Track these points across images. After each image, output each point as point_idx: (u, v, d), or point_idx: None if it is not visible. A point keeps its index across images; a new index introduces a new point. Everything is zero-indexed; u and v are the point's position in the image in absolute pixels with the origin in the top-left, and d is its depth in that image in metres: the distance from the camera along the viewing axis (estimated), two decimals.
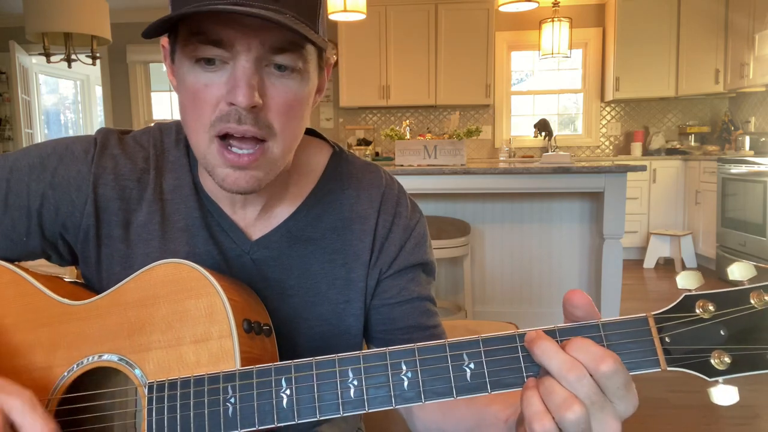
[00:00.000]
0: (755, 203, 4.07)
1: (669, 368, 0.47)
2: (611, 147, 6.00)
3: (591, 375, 0.45)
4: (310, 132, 0.81)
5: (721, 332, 0.46)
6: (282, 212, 0.73)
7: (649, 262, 5.04)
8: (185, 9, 0.54)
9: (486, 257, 3.10)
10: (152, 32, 0.56)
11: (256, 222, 0.73)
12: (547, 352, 0.46)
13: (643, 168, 2.67)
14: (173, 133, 0.75)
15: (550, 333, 0.48)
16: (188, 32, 0.58)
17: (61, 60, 3.63)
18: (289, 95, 0.60)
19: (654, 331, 0.47)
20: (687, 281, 0.48)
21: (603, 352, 0.45)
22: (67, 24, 3.35)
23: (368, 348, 0.81)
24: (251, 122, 0.58)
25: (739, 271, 0.46)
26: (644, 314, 0.48)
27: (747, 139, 4.97)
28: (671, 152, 5.50)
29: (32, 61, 6.29)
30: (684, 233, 4.93)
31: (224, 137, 0.60)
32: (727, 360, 0.46)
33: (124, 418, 0.66)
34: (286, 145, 0.63)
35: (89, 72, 7.16)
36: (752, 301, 0.46)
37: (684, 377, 0.47)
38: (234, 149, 0.60)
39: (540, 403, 0.46)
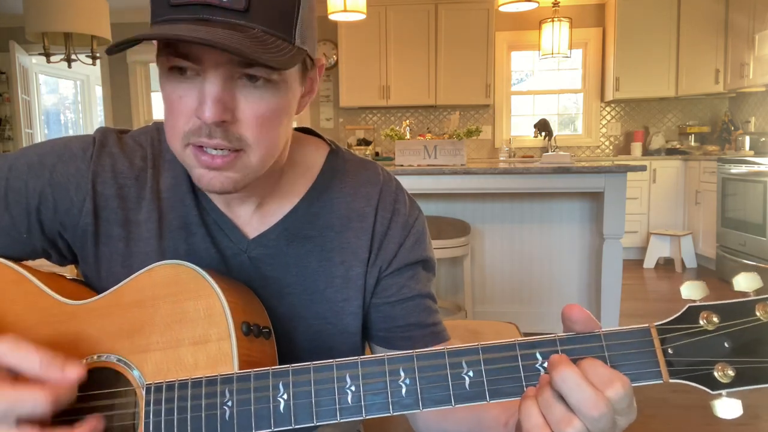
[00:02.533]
0: (755, 203, 4.07)
1: (671, 380, 0.46)
2: (611, 147, 6.00)
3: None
4: (307, 131, 0.81)
5: (726, 344, 0.46)
6: (279, 210, 0.73)
7: (649, 262, 5.04)
8: (142, 33, 0.53)
9: (486, 257, 3.10)
10: (115, 50, 0.55)
11: (253, 220, 0.73)
12: (568, 383, 0.45)
13: (643, 168, 2.67)
14: None
15: (550, 342, 0.48)
16: (161, 43, 0.58)
17: (61, 60, 3.63)
18: (262, 107, 0.59)
19: (657, 342, 0.47)
20: (691, 292, 0.47)
21: (612, 374, 0.45)
22: (67, 24, 3.34)
23: (368, 346, 0.81)
24: (221, 136, 0.58)
25: (744, 282, 0.46)
26: (647, 325, 0.47)
27: (747, 139, 4.97)
28: (671, 152, 5.50)
29: (32, 61, 6.30)
30: (684, 233, 4.93)
31: None
32: (731, 373, 0.45)
33: (122, 419, 0.66)
34: (263, 154, 0.62)
35: (89, 72, 7.16)
36: (758, 314, 0.45)
37: (693, 386, 0.47)
38: (208, 150, 0.60)
39: (539, 416, 0.46)
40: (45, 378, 0.52)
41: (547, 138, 5.49)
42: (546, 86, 6.23)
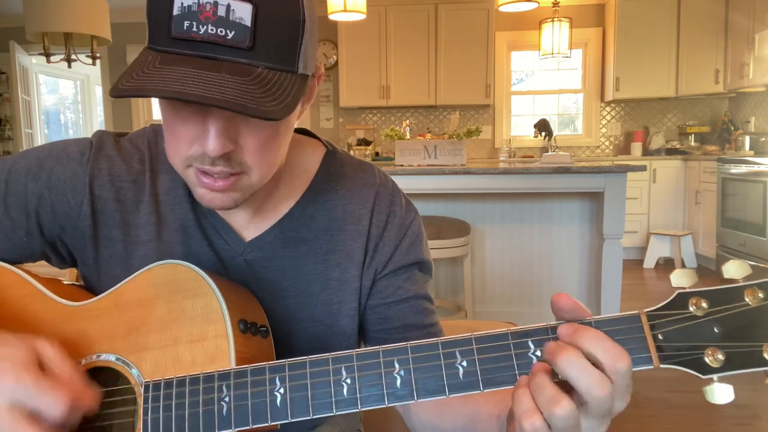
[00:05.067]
0: (755, 203, 4.07)
1: (662, 365, 0.46)
2: (611, 147, 6.01)
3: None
4: (304, 132, 0.81)
5: (715, 329, 0.46)
6: (275, 213, 0.73)
7: (649, 262, 5.04)
8: (152, 83, 0.52)
9: (486, 257, 3.10)
10: (119, 96, 0.53)
11: (249, 223, 0.73)
12: (575, 367, 0.45)
13: (643, 168, 2.67)
14: None
15: (542, 331, 0.48)
16: None
17: (61, 60, 3.63)
18: (265, 134, 0.60)
19: (647, 328, 0.47)
20: (681, 279, 0.48)
21: (618, 350, 0.45)
22: (67, 24, 3.35)
23: (365, 347, 0.81)
24: (224, 164, 0.58)
25: (734, 269, 0.46)
26: (637, 311, 0.48)
27: (747, 139, 4.97)
28: (671, 152, 5.50)
29: (32, 61, 6.30)
30: (684, 233, 4.93)
31: None
32: (721, 357, 0.46)
33: (122, 418, 0.67)
34: (264, 174, 0.62)
35: (89, 72, 7.17)
36: (746, 299, 0.46)
37: (684, 377, 0.47)
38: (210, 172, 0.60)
39: (530, 401, 0.46)
40: (73, 386, 0.53)
41: (547, 138, 5.49)
42: (546, 86, 6.23)
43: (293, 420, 0.51)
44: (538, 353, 0.49)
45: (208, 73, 0.52)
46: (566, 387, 0.46)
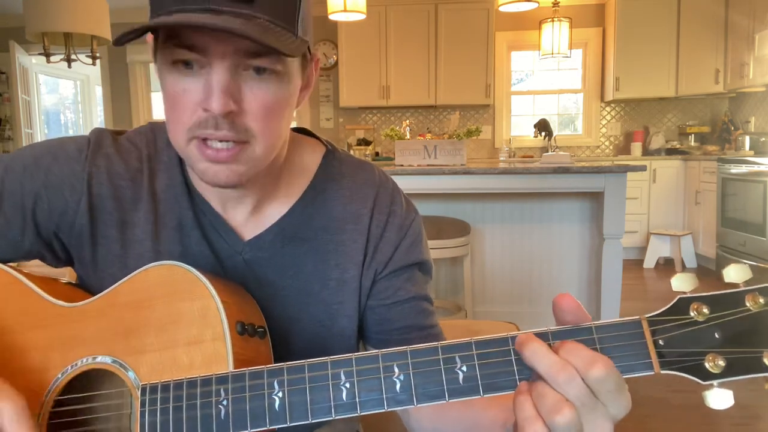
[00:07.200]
0: (755, 203, 4.06)
1: (662, 371, 0.46)
2: (611, 147, 6.00)
3: (582, 378, 0.45)
4: (303, 131, 0.81)
5: (716, 335, 0.46)
6: (274, 212, 0.73)
7: (649, 262, 5.04)
8: (154, 20, 0.54)
9: (486, 257, 3.10)
10: (124, 40, 0.55)
11: (248, 222, 0.72)
12: (537, 354, 0.46)
13: (643, 168, 2.67)
14: (165, 133, 0.74)
15: (543, 335, 0.48)
16: (165, 35, 0.58)
17: (61, 60, 3.63)
18: (268, 98, 0.60)
19: (647, 333, 0.47)
20: (682, 284, 0.47)
21: (593, 355, 0.45)
22: (67, 24, 3.34)
23: (364, 348, 0.81)
24: (228, 127, 0.58)
25: (735, 273, 0.46)
26: (638, 317, 0.48)
27: (747, 139, 4.97)
28: (671, 152, 5.50)
29: (32, 61, 6.29)
30: (684, 233, 4.92)
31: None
32: (722, 363, 0.45)
33: (118, 421, 0.66)
34: (268, 145, 0.62)
35: (89, 72, 7.16)
36: (747, 304, 0.45)
37: (684, 377, 0.47)
38: (212, 144, 0.60)
39: (532, 408, 0.46)
40: None
41: (547, 138, 5.49)
42: (546, 86, 6.22)
43: (292, 424, 0.51)
44: None
45: (214, 16, 0.54)
46: None
